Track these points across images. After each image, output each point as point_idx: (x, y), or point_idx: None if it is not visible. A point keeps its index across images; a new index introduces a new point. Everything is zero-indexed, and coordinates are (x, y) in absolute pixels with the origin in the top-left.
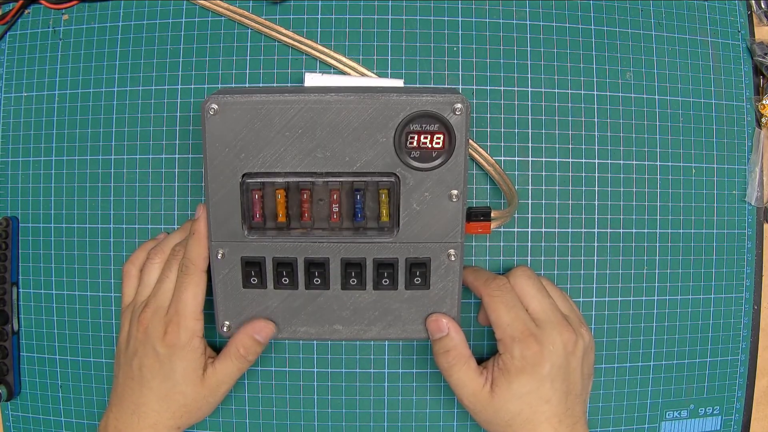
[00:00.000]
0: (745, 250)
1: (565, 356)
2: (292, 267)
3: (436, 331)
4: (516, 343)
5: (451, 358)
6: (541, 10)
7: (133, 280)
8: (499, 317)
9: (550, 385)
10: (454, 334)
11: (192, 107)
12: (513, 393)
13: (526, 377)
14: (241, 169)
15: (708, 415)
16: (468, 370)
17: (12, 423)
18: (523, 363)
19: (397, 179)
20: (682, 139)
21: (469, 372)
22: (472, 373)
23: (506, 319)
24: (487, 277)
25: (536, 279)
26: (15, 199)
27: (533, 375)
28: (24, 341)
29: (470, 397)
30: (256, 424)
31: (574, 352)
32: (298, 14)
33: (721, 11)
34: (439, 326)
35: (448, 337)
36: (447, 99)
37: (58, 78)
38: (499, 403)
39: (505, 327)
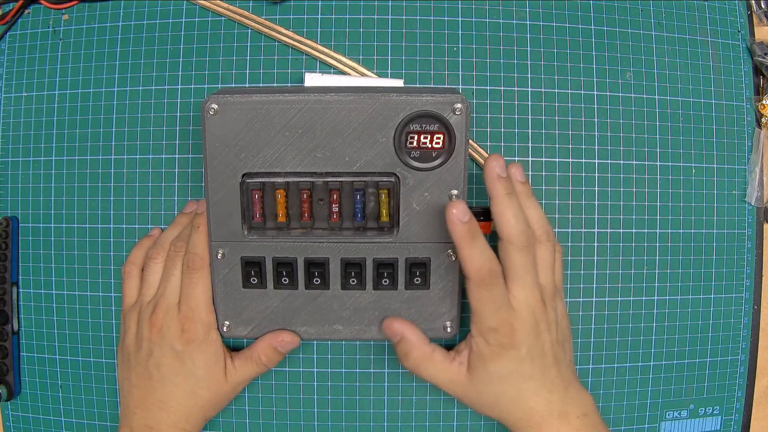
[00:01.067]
0: (745, 250)
1: (539, 335)
2: (292, 267)
3: (391, 337)
4: (492, 332)
5: (412, 360)
6: (541, 10)
7: (134, 280)
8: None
9: (529, 364)
10: (410, 335)
11: (192, 107)
12: (492, 376)
13: (504, 361)
14: (241, 169)
15: (708, 415)
16: (435, 363)
17: (12, 423)
18: (500, 349)
19: (397, 179)
20: (682, 139)
21: (437, 365)
22: (440, 365)
23: (488, 312)
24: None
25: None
26: (15, 199)
27: (510, 358)
28: (24, 341)
29: (449, 385)
30: (256, 424)
31: (549, 328)
32: (298, 14)
33: (721, 11)
34: (393, 331)
35: (403, 340)
36: (447, 99)
37: (58, 78)
38: (479, 385)
39: (486, 317)
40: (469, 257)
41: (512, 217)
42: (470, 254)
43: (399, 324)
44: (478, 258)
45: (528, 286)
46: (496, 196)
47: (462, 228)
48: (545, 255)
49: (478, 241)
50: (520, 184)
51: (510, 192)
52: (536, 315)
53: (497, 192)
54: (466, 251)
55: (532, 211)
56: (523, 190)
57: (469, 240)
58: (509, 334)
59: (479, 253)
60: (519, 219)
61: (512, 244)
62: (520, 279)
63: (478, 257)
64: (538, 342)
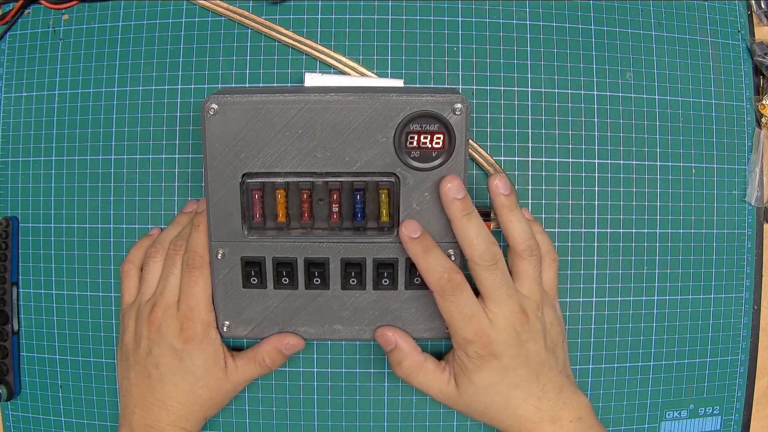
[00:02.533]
0: (745, 250)
1: (522, 344)
2: (292, 267)
3: (384, 345)
4: (469, 344)
5: (405, 368)
6: (541, 10)
7: (133, 279)
8: (452, 320)
9: (513, 373)
10: (403, 344)
11: (192, 107)
12: (478, 387)
13: (486, 371)
14: (241, 169)
15: (708, 415)
16: (426, 372)
17: (12, 423)
18: (480, 361)
19: (397, 179)
20: (682, 139)
21: (428, 374)
22: (431, 374)
23: (459, 323)
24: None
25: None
26: (15, 199)
27: (493, 368)
28: (24, 341)
29: (439, 395)
30: (256, 424)
31: (533, 338)
32: (298, 14)
33: (721, 11)
34: (386, 340)
35: (396, 349)
36: (447, 99)
37: (58, 78)
38: (467, 397)
39: (458, 330)
40: (425, 270)
41: (474, 237)
42: (426, 267)
43: (392, 333)
44: (435, 271)
45: (503, 301)
46: (453, 218)
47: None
48: (528, 269)
49: (431, 254)
50: (503, 197)
51: (468, 213)
52: (516, 326)
53: (452, 215)
54: (421, 264)
55: (515, 224)
56: (505, 202)
57: (424, 254)
58: (486, 345)
59: (435, 263)
60: (480, 239)
61: (477, 265)
62: (492, 296)
63: (434, 270)
64: (522, 351)
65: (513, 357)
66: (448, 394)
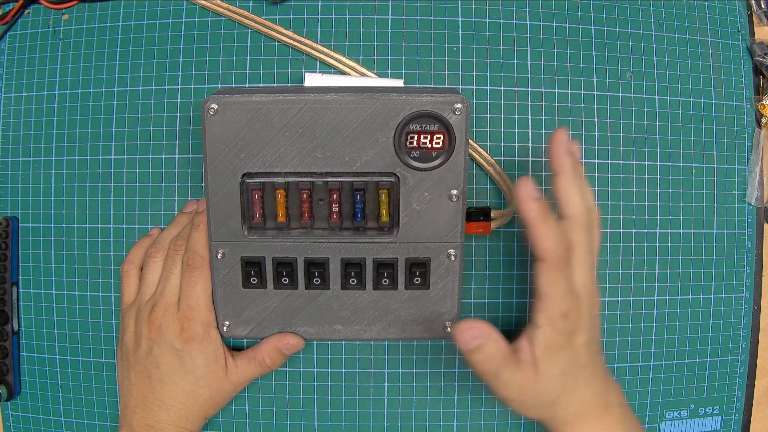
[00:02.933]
0: (745, 250)
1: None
2: (292, 267)
3: (470, 341)
4: (564, 318)
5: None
6: (541, 10)
7: (133, 279)
8: (554, 292)
9: (585, 351)
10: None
11: (192, 107)
12: (559, 368)
13: (569, 350)
14: (241, 169)
15: (708, 415)
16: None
17: (12, 423)
18: (567, 337)
19: (397, 179)
20: (682, 139)
21: (512, 365)
22: (514, 365)
23: (560, 295)
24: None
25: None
26: (15, 199)
27: (573, 347)
28: (24, 341)
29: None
30: (256, 424)
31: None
32: (298, 14)
33: (721, 11)
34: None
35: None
36: (447, 99)
37: (58, 78)
38: (545, 382)
39: (557, 303)
40: (543, 236)
41: (578, 196)
42: (545, 233)
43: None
44: (553, 237)
45: (587, 268)
46: (565, 172)
47: (535, 206)
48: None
49: (550, 220)
50: (579, 163)
51: (578, 171)
52: (592, 298)
53: (565, 168)
54: (540, 230)
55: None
56: (579, 170)
57: (542, 219)
58: (576, 319)
59: (553, 233)
60: (585, 198)
61: (578, 223)
62: (581, 260)
63: (553, 236)
64: (593, 327)
65: (588, 333)
66: (524, 384)
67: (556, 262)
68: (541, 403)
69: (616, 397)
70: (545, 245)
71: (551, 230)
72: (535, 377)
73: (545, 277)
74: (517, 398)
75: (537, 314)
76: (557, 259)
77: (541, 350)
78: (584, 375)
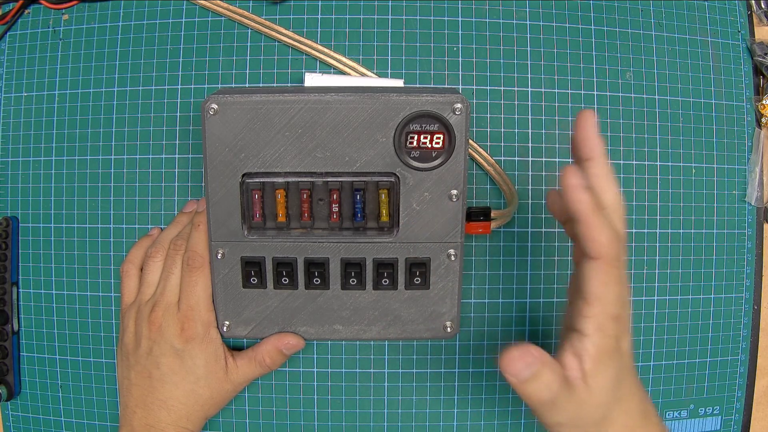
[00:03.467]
0: (745, 250)
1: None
2: (292, 267)
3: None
4: (613, 321)
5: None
6: (541, 10)
7: (132, 279)
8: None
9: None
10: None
11: (192, 107)
12: (610, 378)
13: (618, 357)
14: (241, 169)
15: (708, 415)
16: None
17: (12, 423)
18: (616, 343)
19: (396, 179)
20: (682, 139)
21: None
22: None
23: (611, 296)
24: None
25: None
26: (15, 199)
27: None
28: (24, 341)
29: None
30: (256, 424)
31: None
32: (298, 14)
33: (721, 11)
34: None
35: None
36: (447, 99)
37: (58, 78)
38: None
39: (608, 304)
40: (599, 230)
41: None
42: (600, 227)
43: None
44: (608, 231)
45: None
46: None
47: (586, 197)
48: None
49: (603, 216)
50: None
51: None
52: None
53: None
54: (594, 223)
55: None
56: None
57: (595, 211)
58: (626, 321)
59: (607, 227)
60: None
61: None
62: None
63: (608, 231)
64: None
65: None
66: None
67: (612, 258)
68: (593, 420)
69: (651, 405)
70: (601, 240)
71: (605, 224)
72: (588, 394)
73: (600, 278)
74: (570, 421)
75: (584, 321)
76: (613, 255)
77: (591, 362)
78: (629, 383)
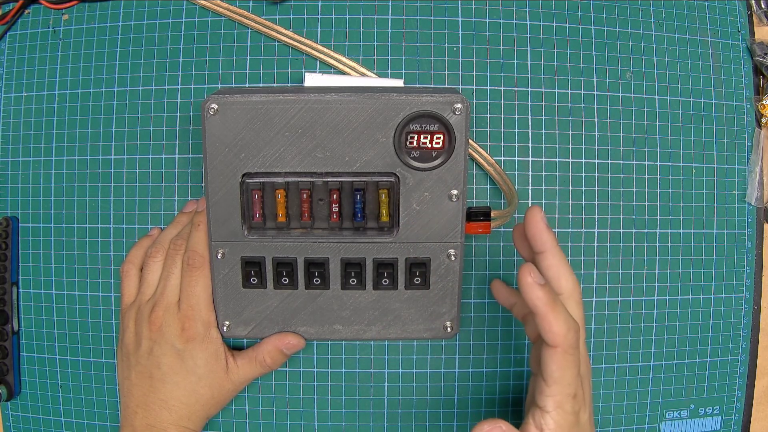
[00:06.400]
0: (745, 250)
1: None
2: (292, 267)
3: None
4: (571, 398)
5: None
6: (541, 10)
7: (133, 279)
8: (565, 375)
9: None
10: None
11: (192, 107)
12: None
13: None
14: (241, 169)
15: (708, 415)
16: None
17: (12, 423)
18: (575, 417)
19: (396, 179)
20: (682, 139)
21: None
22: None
23: (570, 377)
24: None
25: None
26: (15, 199)
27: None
28: (24, 341)
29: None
30: (256, 424)
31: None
32: (298, 14)
33: (721, 11)
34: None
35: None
36: (447, 99)
37: (58, 78)
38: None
39: (567, 385)
40: (555, 322)
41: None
42: (556, 319)
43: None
44: (564, 321)
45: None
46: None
47: (542, 293)
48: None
49: (559, 304)
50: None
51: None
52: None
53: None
54: (550, 316)
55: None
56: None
57: (552, 305)
58: (584, 396)
59: (564, 317)
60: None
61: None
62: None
63: (564, 321)
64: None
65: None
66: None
67: (569, 346)
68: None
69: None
70: (558, 332)
71: (562, 315)
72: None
73: (556, 363)
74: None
75: (544, 399)
76: (570, 342)
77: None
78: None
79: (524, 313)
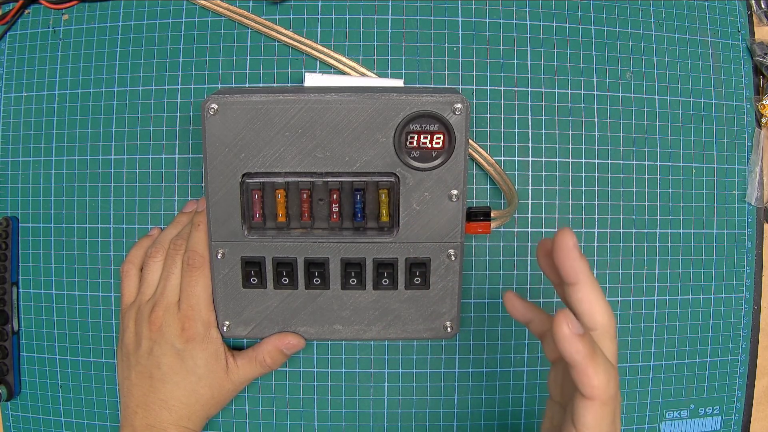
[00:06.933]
0: (745, 250)
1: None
2: (292, 267)
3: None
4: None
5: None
6: (541, 10)
7: (133, 279)
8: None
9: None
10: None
11: (192, 107)
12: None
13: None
14: (241, 169)
15: (708, 415)
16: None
17: (12, 423)
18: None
19: (396, 179)
20: (682, 139)
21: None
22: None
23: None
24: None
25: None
26: (15, 199)
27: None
28: (24, 341)
29: None
30: (256, 424)
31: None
32: (298, 14)
33: (721, 11)
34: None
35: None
36: (447, 99)
37: (58, 78)
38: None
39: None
40: (594, 375)
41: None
42: (595, 371)
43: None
44: (604, 373)
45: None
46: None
47: (582, 346)
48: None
49: (599, 356)
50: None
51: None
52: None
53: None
54: (590, 369)
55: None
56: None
57: (592, 356)
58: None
59: (604, 370)
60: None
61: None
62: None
63: (604, 373)
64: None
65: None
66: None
67: (609, 398)
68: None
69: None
70: (597, 384)
71: (602, 366)
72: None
73: (592, 415)
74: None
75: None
76: (609, 394)
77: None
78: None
79: (543, 330)
